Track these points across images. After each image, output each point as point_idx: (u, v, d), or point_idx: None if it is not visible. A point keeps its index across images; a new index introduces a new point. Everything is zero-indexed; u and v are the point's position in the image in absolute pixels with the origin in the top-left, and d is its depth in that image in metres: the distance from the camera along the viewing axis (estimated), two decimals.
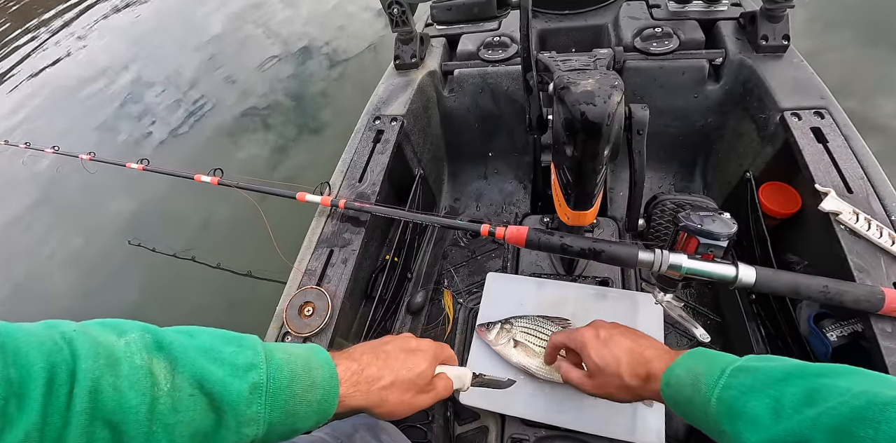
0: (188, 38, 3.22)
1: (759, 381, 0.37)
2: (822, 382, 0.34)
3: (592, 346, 0.53)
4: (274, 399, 0.35)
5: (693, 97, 1.01)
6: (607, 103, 0.49)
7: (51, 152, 1.44)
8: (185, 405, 0.32)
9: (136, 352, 0.32)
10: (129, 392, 0.30)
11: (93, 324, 0.34)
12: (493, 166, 1.27)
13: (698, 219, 0.57)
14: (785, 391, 0.35)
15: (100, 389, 0.29)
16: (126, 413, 0.30)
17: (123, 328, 0.34)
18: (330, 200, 0.81)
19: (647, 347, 0.51)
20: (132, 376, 0.31)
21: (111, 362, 0.30)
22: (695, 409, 0.42)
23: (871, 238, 0.63)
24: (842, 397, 0.32)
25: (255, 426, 0.35)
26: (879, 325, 0.57)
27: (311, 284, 0.73)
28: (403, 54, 1.08)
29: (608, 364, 0.51)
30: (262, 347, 0.38)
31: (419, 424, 0.72)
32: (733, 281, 0.57)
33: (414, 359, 0.45)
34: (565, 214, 0.68)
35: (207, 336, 0.37)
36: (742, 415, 0.36)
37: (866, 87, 1.62)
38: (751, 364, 0.40)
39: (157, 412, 0.31)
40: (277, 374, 0.36)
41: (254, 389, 0.35)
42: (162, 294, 1.70)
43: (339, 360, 0.42)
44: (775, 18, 0.89)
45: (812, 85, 0.84)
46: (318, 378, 0.38)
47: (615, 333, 0.54)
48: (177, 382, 0.32)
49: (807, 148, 0.75)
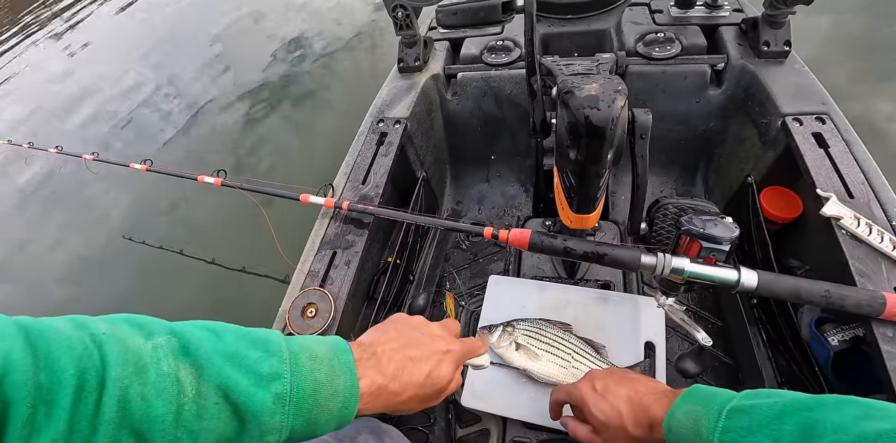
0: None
1: (756, 421, 0.38)
2: (815, 417, 0.35)
3: (592, 401, 0.53)
4: (297, 408, 0.36)
5: (695, 102, 1.01)
6: (611, 107, 0.49)
7: (54, 152, 1.44)
8: (209, 413, 0.32)
9: (163, 357, 0.32)
10: (156, 401, 0.30)
11: (120, 322, 0.34)
12: (496, 169, 1.27)
13: (701, 223, 0.57)
14: (782, 430, 0.36)
15: (128, 397, 0.29)
16: (153, 422, 0.30)
17: (151, 329, 0.34)
18: (333, 201, 0.81)
19: (644, 393, 0.51)
20: (159, 384, 0.31)
21: (139, 369, 0.31)
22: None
23: (873, 243, 0.63)
24: (835, 433, 0.33)
25: (278, 434, 0.35)
26: (881, 329, 0.57)
27: (315, 286, 0.73)
28: (407, 57, 1.09)
29: (610, 418, 0.50)
30: (288, 350, 0.37)
31: (421, 426, 0.72)
32: (735, 285, 0.57)
33: (438, 372, 0.44)
34: (568, 218, 0.68)
35: (233, 338, 0.36)
36: None
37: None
38: (746, 403, 0.41)
39: (182, 420, 0.31)
40: (301, 383, 0.36)
41: (277, 399, 0.35)
42: (164, 294, 1.70)
43: (366, 368, 0.41)
44: (777, 24, 0.90)
45: (813, 90, 0.85)
46: (340, 387, 0.38)
47: (611, 382, 0.53)
48: (202, 390, 0.32)
49: (808, 153, 0.75)
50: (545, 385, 0.73)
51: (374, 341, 0.44)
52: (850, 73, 1.68)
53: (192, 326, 0.36)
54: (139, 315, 0.36)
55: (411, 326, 0.47)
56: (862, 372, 0.62)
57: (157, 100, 2.73)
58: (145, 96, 2.79)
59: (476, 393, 0.75)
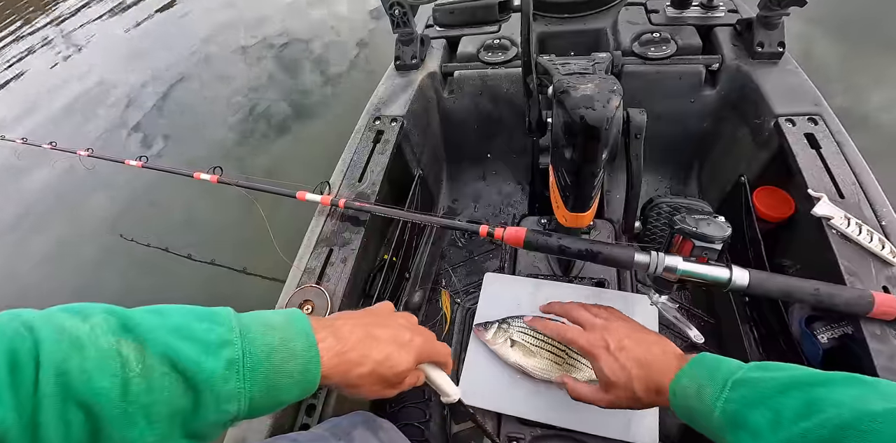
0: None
1: (759, 393, 0.39)
2: (818, 393, 0.36)
3: (604, 359, 0.53)
4: (252, 373, 0.35)
5: (689, 102, 1.02)
6: (606, 107, 0.50)
7: (48, 148, 1.43)
8: (158, 385, 0.31)
9: (102, 335, 0.31)
10: (98, 374, 0.29)
11: (55, 310, 0.33)
12: (492, 168, 1.27)
13: (693, 222, 0.58)
14: (784, 403, 0.37)
15: (67, 371, 0.29)
16: (98, 395, 0.29)
17: (87, 312, 0.33)
18: (330, 199, 0.81)
19: (657, 355, 0.51)
20: (99, 358, 0.30)
21: (76, 346, 0.30)
22: (700, 418, 0.44)
23: (862, 242, 0.64)
24: (836, 408, 0.33)
25: (236, 402, 0.34)
26: (869, 327, 0.58)
27: (311, 283, 0.73)
28: (404, 55, 1.09)
29: (619, 378, 0.51)
30: (237, 321, 0.37)
31: (416, 422, 0.73)
32: (727, 283, 0.58)
33: (398, 357, 0.44)
34: (563, 216, 0.69)
35: (178, 314, 0.35)
36: (744, 427, 0.38)
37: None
38: (751, 375, 0.42)
39: (130, 394, 0.30)
40: (253, 348, 0.35)
41: (229, 365, 0.34)
42: (157, 291, 1.69)
43: (324, 334, 0.40)
44: (771, 25, 0.90)
45: (806, 91, 0.86)
46: (296, 349, 0.37)
47: (626, 342, 0.54)
48: (148, 362, 0.31)
49: (800, 153, 0.76)
50: (540, 382, 0.74)
51: (335, 317, 0.45)
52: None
53: (134, 309, 0.35)
54: (77, 303, 0.34)
55: (376, 312, 0.48)
56: (851, 369, 0.63)
57: (145, 99, 2.71)
58: (134, 97, 2.77)
59: (471, 389, 0.75)
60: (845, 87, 1.64)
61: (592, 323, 0.59)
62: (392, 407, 0.77)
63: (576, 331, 0.59)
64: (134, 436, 0.30)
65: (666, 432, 0.72)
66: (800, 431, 0.34)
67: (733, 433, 0.40)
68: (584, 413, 0.71)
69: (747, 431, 0.38)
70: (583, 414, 0.71)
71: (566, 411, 0.71)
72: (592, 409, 0.71)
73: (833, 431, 0.32)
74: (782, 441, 0.35)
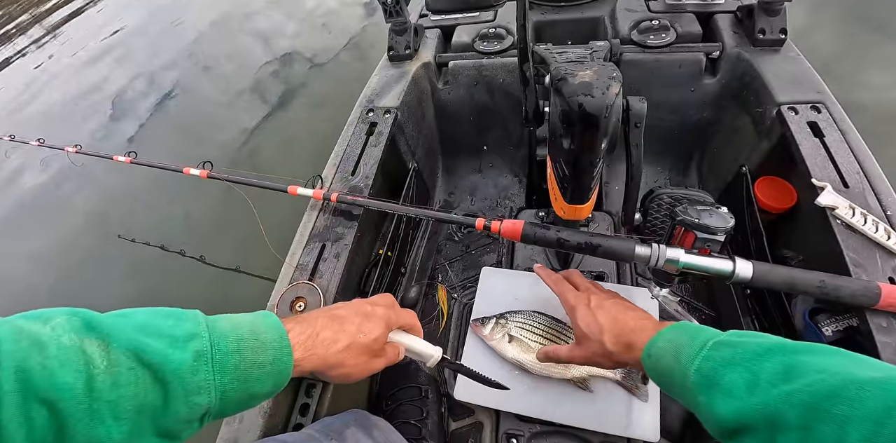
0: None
1: (739, 354, 0.38)
2: (800, 359, 0.35)
3: (581, 312, 0.57)
4: (222, 365, 0.34)
5: (689, 91, 1.00)
6: (605, 95, 0.48)
7: (36, 144, 1.40)
8: (125, 379, 0.31)
9: (64, 333, 0.31)
10: (61, 370, 0.29)
11: (16, 316, 0.32)
12: (488, 160, 1.25)
13: (696, 213, 0.57)
14: (763, 366, 0.36)
15: (27, 368, 0.28)
16: (61, 391, 0.28)
17: (49, 315, 0.32)
18: (322, 193, 0.79)
19: (633, 318, 0.54)
20: (62, 355, 0.29)
21: (36, 344, 0.29)
22: (674, 379, 0.43)
23: (867, 233, 0.63)
24: (819, 374, 0.33)
25: (206, 394, 0.34)
26: (875, 320, 0.57)
27: (303, 279, 0.72)
28: (397, 45, 1.06)
29: (592, 330, 0.54)
30: (204, 318, 0.37)
31: (413, 420, 0.72)
32: (730, 276, 0.57)
33: (369, 324, 0.46)
34: (561, 208, 0.67)
35: (143, 315, 0.35)
36: (718, 386, 0.37)
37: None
38: (733, 339, 0.41)
39: (95, 390, 0.30)
40: (222, 340, 0.35)
41: (198, 356, 0.34)
42: (146, 289, 1.66)
43: (291, 325, 0.42)
44: (773, 12, 0.88)
45: (808, 79, 0.84)
46: (266, 340, 0.38)
47: (607, 303, 0.57)
48: (113, 357, 0.31)
49: (803, 142, 0.75)
50: (538, 377, 0.73)
51: (300, 313, 0.47)
52: None
53: (98, 313, 0.35)
54: (38, 310, 0.34)
55: (333, 307, 0.49)
56: None
57: (135, 93, 2.67)
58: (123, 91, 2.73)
59: (469, 386, 0.74)
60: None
61: (586, 286, 0.64)
62: (388, 406, 0.76)
63: (568, 288, 0.64)
64: (101, 434, 0.29)
65: (667, 428, 0.71)
66: (779, 394, 0.33)
67: (706, 393, 0.38)
68: (584, 409, 0.70)
69: (721, 390, 0.37)
70: (582, 410, 0.70)
71: (565, 407, 0.70)
72: (592, 405, 0.70)
73: (816, 396, 0.31)
74: (758, 404, 0.34)
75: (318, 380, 0.64)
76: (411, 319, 0.52)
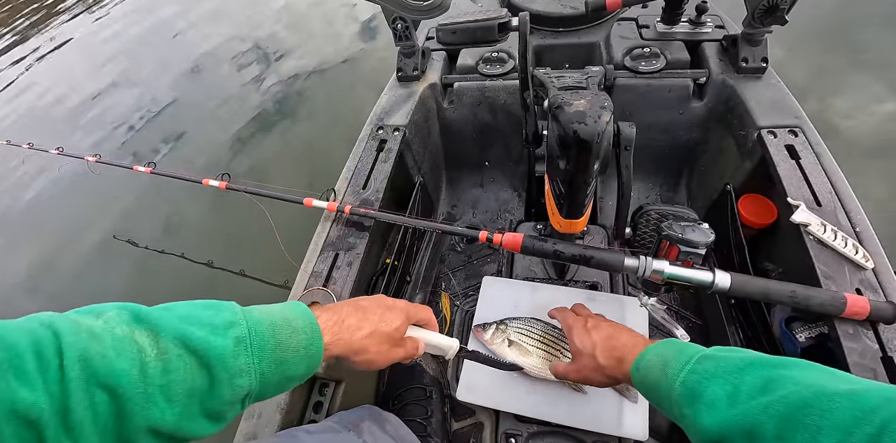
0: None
1: (722, 368, 0.41)
2: (779, 372, 0.38)
3: (577, 332, 0.63)
4: (260, 350, 0.38)
5: (678, 113, 1.07)
6: (597, 123, 0.54)
7: (55, 153, 1.44)
8: (174, 365, 0.34)
9: (116, 326, 0.34)
10: (118, 358, 0.32)
11: (70, 312, 0.36)
12: (490, 175, 1.32)
13: (679, 229, 0.63)
14: (744, 379, 0.38)
15: (88, 357, 0.31)
16: (119, 377, 0.31)
17: (100, 310, 0.36)
18: (336, 205, 0.85)
19: (626, 335, 0.59)
20: (117, 345, 0.32)
21: (93, 336, 0.32)
22: (660, 392, 0.46)
23: (837, 248, 0.68)
24: (794, 387, 0.35)
25: (248, 377, 0.37)
26: (842, 327, 0.62)
27: (318, 285, 0.77)
28: (406, 67, 1.13)
29: (585, 347, 0.60)
30: (240, 308, 0.40)
31: (419, 418, 0.76)
32: (710, 286, 0.62)
33: (390, 314, 0.49)
34: (558, 223, 0.73)
35: (184, 307, 0.39)
36: (701, 398, 0.40)
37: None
38: (717, 353, 0.44)
39: (148, 375, 0.33)
40: (258, 327, 0.39)
41: (238, 342, 0.37)
42: (167, 296, 1.70)
43: (319, 312, 0.45)
44: (755, 42, 0.95)
45: (787, 105, 0.90)
46: (298, 325, 0.41)
47: (602, 324, 0.63)
48: (161, 346, 0.34)
49: (781, 164, 0.81)
50: (536, 380, 0.77)
51: (326, 305, 0.50)
52: None
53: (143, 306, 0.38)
54: (89, 306, 0.37)
55: (357, 298, 0.52)
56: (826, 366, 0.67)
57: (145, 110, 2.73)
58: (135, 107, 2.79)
59: (470, 387, 0.79)
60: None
61: (587, 313, 0.70)
62: (395, 405, 0.81)
63: (569, 313, 0.70)
64: (155, 415, 0.33)
65: (656, 428, 0.76)
66: (757, 406, 0.36)
67: (690, 405, 0.41)
68: (579, 410, 0.75)
69: (704, 402, 0.39)
70: (577, 411, 0.75)
71: (561, 408, 0.75)
72: (586, 406, 0.75)
73: (791, 407, 0.33)
74: (738, 415, 0.37)
75: (331, 379, 0.69)
76: (428, 314, 0.55)
